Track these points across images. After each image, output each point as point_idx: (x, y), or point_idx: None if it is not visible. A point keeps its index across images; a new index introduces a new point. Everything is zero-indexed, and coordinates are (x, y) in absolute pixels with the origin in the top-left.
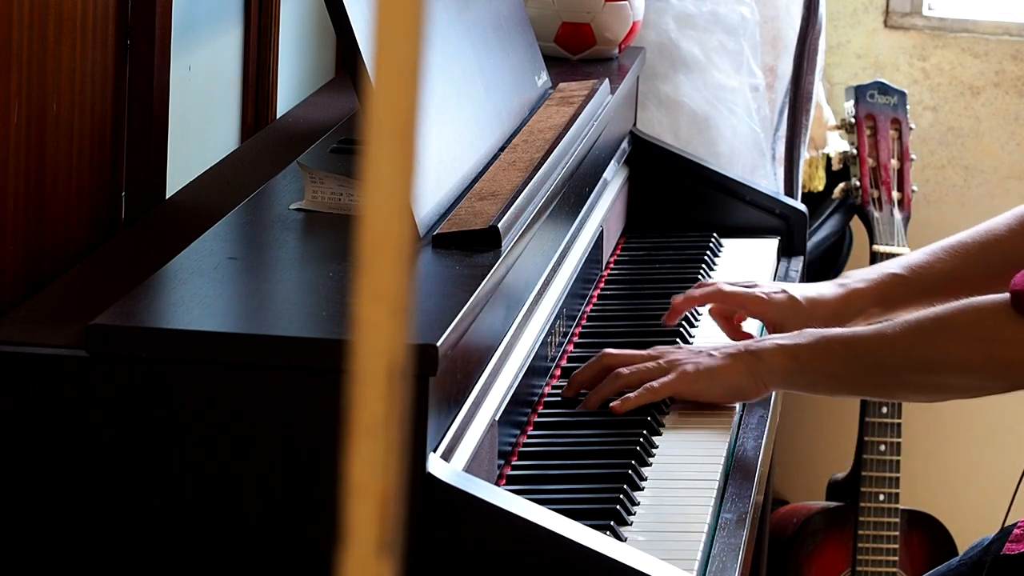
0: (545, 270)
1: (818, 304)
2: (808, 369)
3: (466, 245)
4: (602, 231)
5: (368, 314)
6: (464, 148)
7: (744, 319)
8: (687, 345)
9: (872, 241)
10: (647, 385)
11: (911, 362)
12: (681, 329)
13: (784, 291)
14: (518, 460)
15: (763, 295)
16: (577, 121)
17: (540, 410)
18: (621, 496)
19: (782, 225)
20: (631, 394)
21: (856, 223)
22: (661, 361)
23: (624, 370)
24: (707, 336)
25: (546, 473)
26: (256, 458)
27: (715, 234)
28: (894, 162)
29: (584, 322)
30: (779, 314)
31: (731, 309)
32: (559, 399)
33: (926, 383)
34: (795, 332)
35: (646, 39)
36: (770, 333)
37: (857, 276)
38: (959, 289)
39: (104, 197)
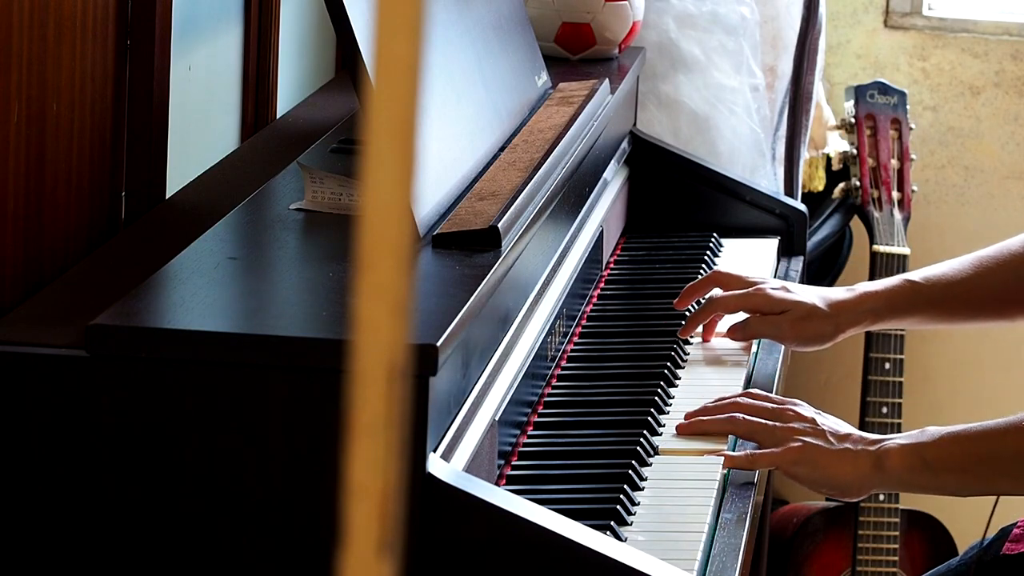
0: (545, 270)
1: (822, 295)
2: (936, 467)
3: (466, 245)
4: (602, 231)
5: (368, 314)
6: (464, 148)
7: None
8: (820, 413)
9: (872, 241)
10: (748, 453)
11: None
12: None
13: (784, 286)
14: (518, 460)
15: (762, 288)
16: (577, 121)
17: (540, 410)
18: (621, 496)
19: (782, 225)
20: (736, 454)
21: (856, 223)
22: (779, 424)
23: (739, 416)
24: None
25: (546, 473)
26: (256, 458)
27: (715, 234)
28: (894, 162)
29: (584, 322)
30: (777, 303)
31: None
32: (559, 399)
33: None
34: (916, 431)
35: (646, 39)
36: (772, 318)
37: (874, 283)
38: (970, 300)
39: (104, 197)
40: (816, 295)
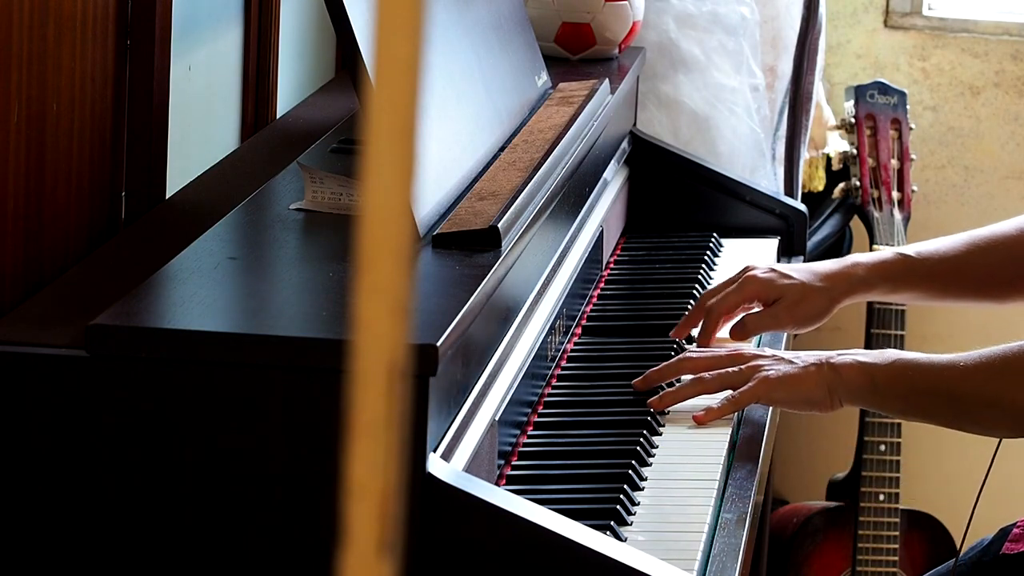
0: (545, 270)
1: (812, 270)
2: (882, 390)
3: (466, 245)
4: (602, 231)
5: (368, 314)
6: (464, 148)
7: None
8: (769, 349)
9: (872, 241)
10: (729, 395)
11: (985, 398)
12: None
13: (772, 268)
14: (518, 460)
15: (752, 276)
16: (577, 121)
17: (540, 410)
18: (621, 496)
19: (782, 225)
20: (714, 405)
21: (856, 223)
22: (742, 366)
23: (706, 375)
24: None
25: (546, 473)
26: (256, 458)
27: (715, 234)
28: (894, 162)
29: (584, 322)
30: (771, 288)
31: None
32: (559, 399)
33: (1000, 420)
34: (876, 352)
35: (646, 39)
36: (769, 310)
37: (866, 254)
38: (962, 278)
39: (104, 197)
40: (807, 272)
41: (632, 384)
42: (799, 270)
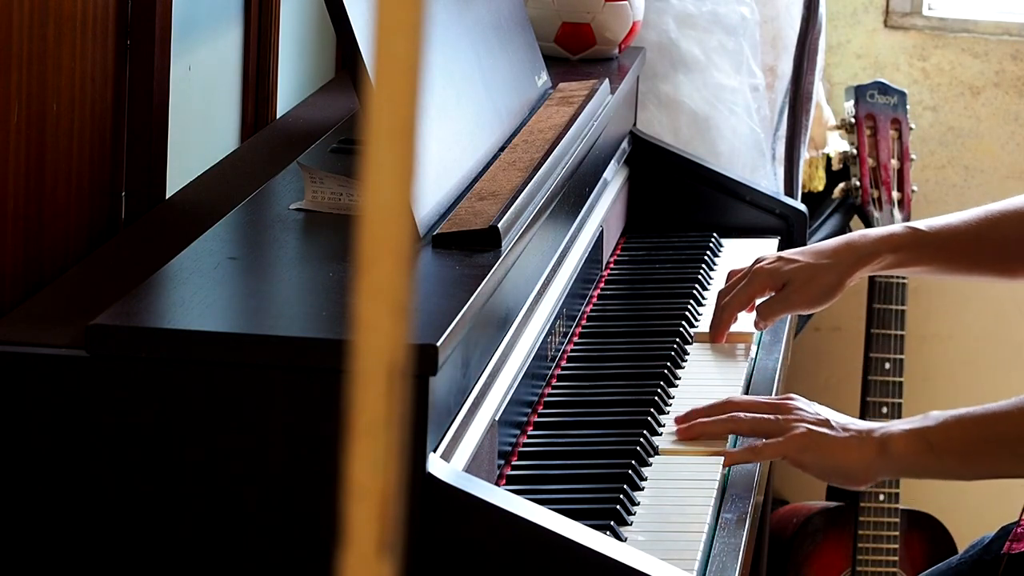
0: (545, 270)
1: (817, 250)
2: (939, 450)
3: (466, 245)
4: (602, 231)
5: (368, 314)
6: (464, 148)
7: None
8: (816, 406)
9: None
10: (750, 445)
11: None
12: (681, 328)
13: (778, 256)
14: (518, 460)
15: (760, 267)
16: (577, 121)
17: (540, 410)
18: (621, 496)
19: (782, 225)
20: (735, 449)
21: (856, 223)
22: (780, 417)
23: (741, 415)
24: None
25: (546, 473)
26: (256, 458)
27: (715, 234)
28: (894, 162)
29: (584, 322)
30: (779, 275)
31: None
32: (559, 399)
33: None
34: (918, 416)
35: (646, 39)
36: (779, 295)
37: (876, 228)
38: (974, 251)
39: (104, 197)
40: (812, 252)
41: (676, 420)
42: (804, 252)
